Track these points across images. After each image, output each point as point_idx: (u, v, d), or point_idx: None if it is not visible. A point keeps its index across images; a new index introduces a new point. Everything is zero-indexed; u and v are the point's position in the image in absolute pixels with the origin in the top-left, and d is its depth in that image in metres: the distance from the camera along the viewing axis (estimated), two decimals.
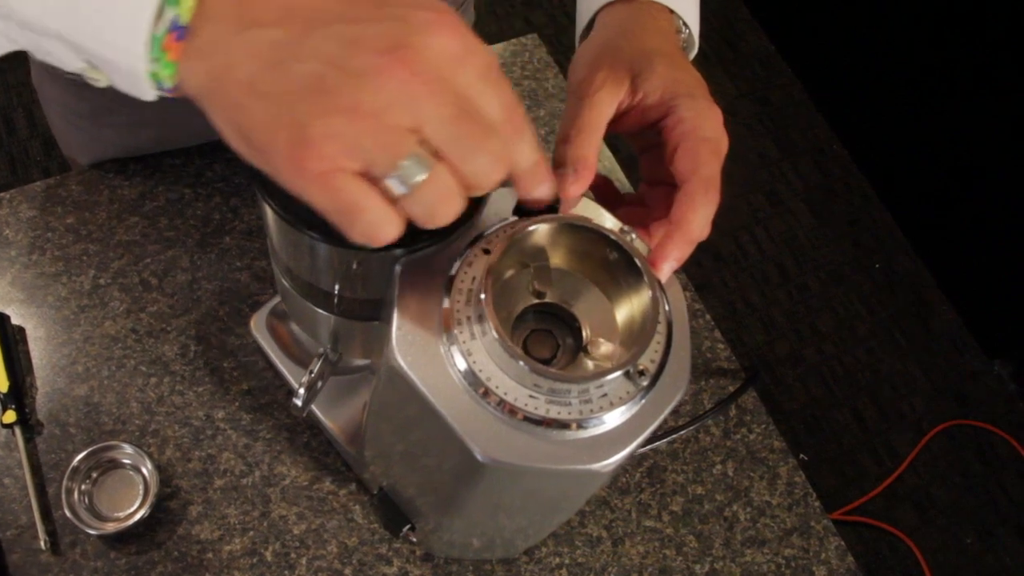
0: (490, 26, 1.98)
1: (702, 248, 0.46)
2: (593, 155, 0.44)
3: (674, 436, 0.74)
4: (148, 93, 0.35)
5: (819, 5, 2.22)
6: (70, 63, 0.36)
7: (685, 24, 0.52)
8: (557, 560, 0.69)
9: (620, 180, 0.88)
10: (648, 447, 0.72)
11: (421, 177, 0.32)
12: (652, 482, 0.74)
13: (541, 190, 0.38)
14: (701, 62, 0.50)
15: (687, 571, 0.71)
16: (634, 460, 0.74)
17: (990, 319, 1.96)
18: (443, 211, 0.34)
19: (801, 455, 1.75)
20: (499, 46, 0.94)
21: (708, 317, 0.82)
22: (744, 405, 0.78)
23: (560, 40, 2.19)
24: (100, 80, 0.36)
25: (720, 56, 2.27)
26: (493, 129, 0.33)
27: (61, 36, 0.34)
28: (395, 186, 0.32)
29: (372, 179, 0.32)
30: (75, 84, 0.41)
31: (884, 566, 1.68)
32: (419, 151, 0.32)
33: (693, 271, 1.91)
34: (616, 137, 0.50)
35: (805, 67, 2.27)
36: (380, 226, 0.33)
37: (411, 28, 0.32)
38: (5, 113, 1.85)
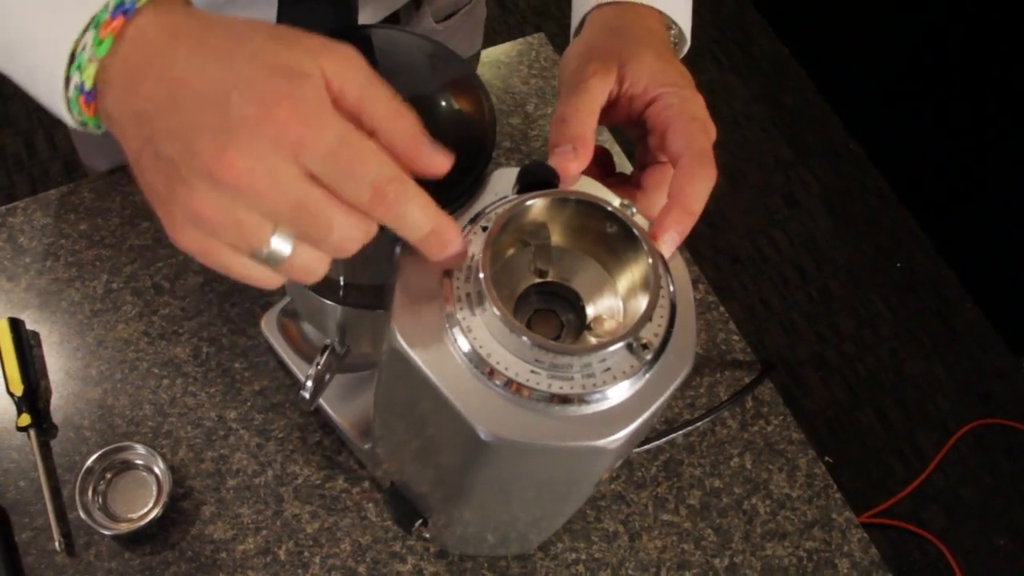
0: (501, 35, 1.99)
1: (720, 251, 0.46)
2: (591, 134, 0.44)
3: (690, 428, 0.73)
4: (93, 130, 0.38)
5: (830, 5, 2.21)
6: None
7: (674, 22, 0.53)
8: (573, 556, 0.69)
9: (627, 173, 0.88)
10: (664, 440, 0.72)
11: (282, 257, 0.34)
12: (669, 476, 0.73)
13: (444, 254, 0.37)
14: (714, 67, 0.51)
15: (706, 565, 0.70)
16: (650, 454, 0.73)
17: (1015, 316, 1.93)
18: (315, 273, 0.35)
19: (826, 457, 1.73)
20: (506, 45, 0.94)
21: (722, 309, 0.82)
22: (761, 397, 0.77)
23: None
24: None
25: (732, 60, 2.26)
26: (346, 214, 0.33)
27: (20, 86, 0.38)
28: (263, 262, 0.34)
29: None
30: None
31: (914, 569, 1.65)
32: (275, 237, 0.33)
33: (711, 274, 1.90)
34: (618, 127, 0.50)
35: (818, 68, 2.26)
36: (263, 281, 0.35)
37: (245, 121, 0.31)
38: (27, 135, 1.88)
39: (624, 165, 0.89)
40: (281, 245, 0.33)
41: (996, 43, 1.85)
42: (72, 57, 0.34)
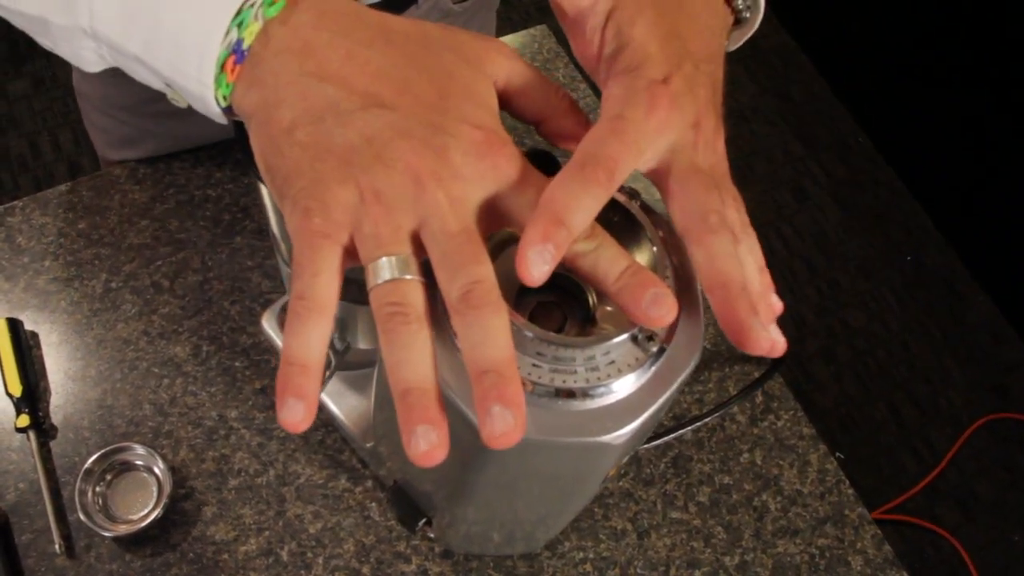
0: (504, 30, 1.99)
1: None
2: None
3: (699, 424, 0.72)
4: (219, 116, 0.37)
5: None
6: (154, 84, 0.38)
7: None
8: (581, 554, 0.67)
9: None
10: (672, 436, 0.70)
11: (386, 278, 0.32)
12: (677, 472, 0.72)
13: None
14: None
15: (716, 563, 0.68)
16: (658, 450, 0.72)
17: None
18: (393, 323, 0.32)
19: (837, 453, 1.71)
20: (508, 37, 0.93)
21: None
22: (771, 392, 0.76)
23: None
24: (180, 102, 0.38)
25: (739, 53, 2.23)
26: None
27: (140, 60, 0.36)
28: (369, 274, 0.33)
29: (354, 256, 0.33)
30: (115, 76, 0.42)
31: (928, 565, 1.63)
32: (403, 254, 0.32)
33: None
34: None
35: (826, 60, 2.24)
36: (314, 298, 0.33)
37: (456, 143, 0.33)
38: (31, 137, 1.88)
39: None
40: (393, 267, 0.32)
41: (1008, 33, 1.82)
42: (237, 13, 0.34)
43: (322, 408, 0.67)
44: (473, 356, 0.31)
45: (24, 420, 0.66)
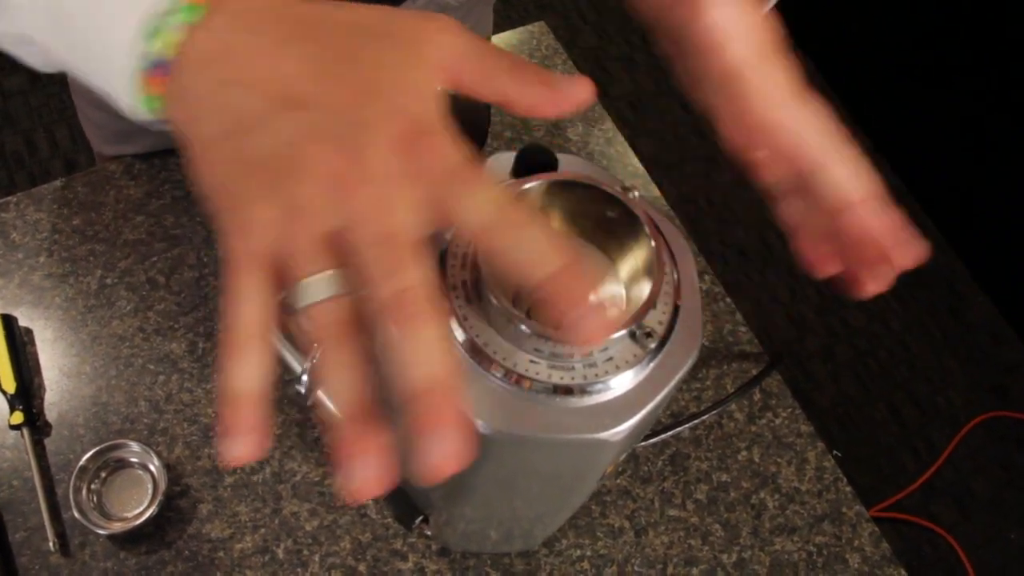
0: (502, 27, 1.98)
1: (727, 245, 0.43)
2: None
3: (696, 422, 0.71)
4: (153, 124, 0.35)
5: None
6: (95, 90, 0.36)
7: None
8: (578, 552, 0.67)
9: (632, 164, 0.86)
10: (670, 433, 0.70)
11: (312, 300, 0.30)
12: (675, 470, 0.71)
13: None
14: None
15: (714, 561, 0.68)
16: (656, 448, 0.72)
17: None
18: (327, 346, 0.30)
19: (834, 451, 1.71)
20: (507, 34, 0.92)
21: (729, 301, 0.80)
22: (768, 389, 0.76)
23: (574, 42, 2.18)
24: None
25: None
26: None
27: (72, 70, 0.35)
28: (298, 295, 0.30)
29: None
30: None
31: (925, 563, 1.63)
32: (328, 271, 0.30)
33: (719, 267, 1.88)
34: (626, 115, 0.46)
35: (826, 60, 2.24)
36: (239, 329, 0.30)
37: (376, 139, 0.30)
38: (27, 134, 1.88)
39: (632, 159, 0.87)
40: (322, 286, 0.30)
41: (1008, 33, 1.82)
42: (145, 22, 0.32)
43: (319, 405, 0.67)
44: (403, 376, 0.28)
45: (18, 417, 0.65)
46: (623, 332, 0.36)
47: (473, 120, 0.43)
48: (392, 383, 0.29)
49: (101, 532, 0.61)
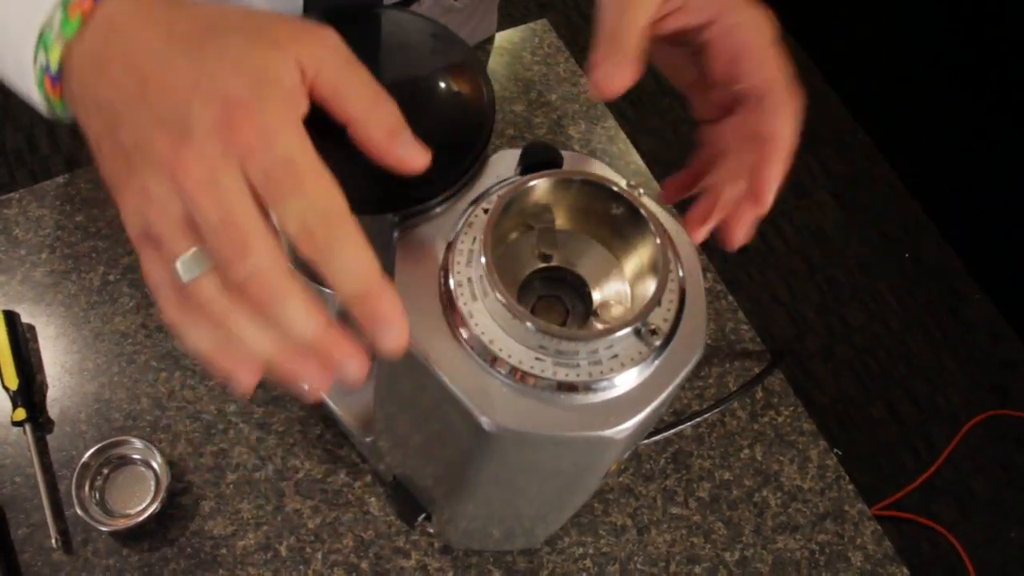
0: (504, 25, 1.99)
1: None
2: (639, 45, 0.39)
3: (699, 420, 0.71)
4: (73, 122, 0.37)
5: None
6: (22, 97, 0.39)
7: None
8: (580, 550, 0.67)
9: (635, 162, 0.86)
10: (672, 431, 0.70)
11: (190, 276, 0.31)
12: (677, 468, 0.71)
13: (375, 327, 0.32)
14: None
15: (716, 559, 0.68)
16: (658, 445, 0.72)
17: None
18: (216, 318, 0.32)
19: (835, 450, 1.71)
20: (509, 32, 0.92)
21: (731, 299, 0.80)
22: (771, 387, 0.76)
23: (575, 40, 2.18)
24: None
25: None
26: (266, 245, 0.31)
27: (5, 80, 0.38)
28: (177, 273, 0.32)
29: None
30: None
31: (925, 562, 1.63)
32: (192, 250, 0.31)
33: (719, 266, 1.88)
34: (628, 113, 0.46)
35: (824, 56, 2.24)
36: (166, 308, 0.33)
37: (200, 123, 0.31)
38: (28, 131, 1.87)
39: (635, 157, 0.87)
40: (193, 263, 0.31)
41: (1008, 33, 1.82)
42: (40, 37, 0.34)
43: (321, 403, 0.67)
44: (338, 293, 0.31)
45: (20, 414, 0.65)
46: (628, 330, 0.36)
47: (477, 118, 0.43)
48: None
49: (103, 529, 0.61)
